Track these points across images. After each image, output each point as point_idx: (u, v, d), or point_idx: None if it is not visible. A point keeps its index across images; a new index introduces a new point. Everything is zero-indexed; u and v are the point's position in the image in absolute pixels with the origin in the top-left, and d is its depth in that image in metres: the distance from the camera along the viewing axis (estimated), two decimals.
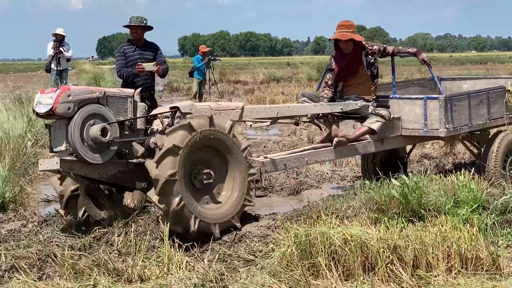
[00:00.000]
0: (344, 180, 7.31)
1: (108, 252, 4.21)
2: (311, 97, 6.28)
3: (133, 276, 3.80)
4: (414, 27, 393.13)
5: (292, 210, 5.41)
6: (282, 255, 3.86)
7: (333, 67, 6.26)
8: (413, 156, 7.90)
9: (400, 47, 6.70)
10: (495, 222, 4.53)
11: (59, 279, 3.85)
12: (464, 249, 3.80)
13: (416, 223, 4.33)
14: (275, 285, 3.52)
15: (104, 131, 4.83)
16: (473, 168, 5.95)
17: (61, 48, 12.85)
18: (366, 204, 4.88)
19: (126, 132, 5.11)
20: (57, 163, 4.75)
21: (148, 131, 5.28)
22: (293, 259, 3.80)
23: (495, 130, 6.90)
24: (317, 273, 3.74)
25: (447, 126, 6.23)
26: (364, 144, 6.23)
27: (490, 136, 6.76)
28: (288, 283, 3.56)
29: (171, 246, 4.05)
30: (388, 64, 6.92)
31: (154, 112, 5.48)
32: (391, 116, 6.24)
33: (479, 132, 6.83)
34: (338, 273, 3.69)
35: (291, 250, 3.84)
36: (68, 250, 4.11)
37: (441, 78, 8.26)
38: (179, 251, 4.09)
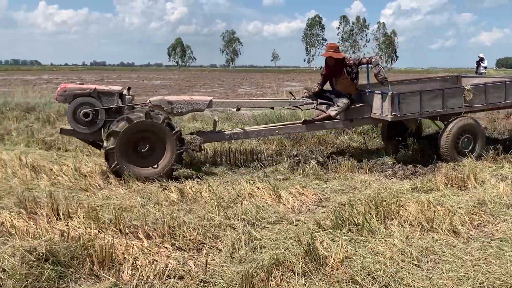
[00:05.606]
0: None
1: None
2: (308, 88, 7.99)
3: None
4: None
5: None
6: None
7: (321, 73, 7.96)
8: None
9: (372, 59, 7.46)
10: None
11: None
12: None
13: None
14: None
15: (86, 115, 5.95)
16: None
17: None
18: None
19: (114, 114, 6.22)
20: (59, 130, 6.32)
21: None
22: None
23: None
24: None
25: (393, 113, 7.11)
26: (334, 122, 7.49)
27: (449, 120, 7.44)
28: None
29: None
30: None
31: (140, 102, 6.73)
32: (351, 104, 7.52)
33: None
34: None
35: None
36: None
37: (462, 76, 9.36)
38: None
